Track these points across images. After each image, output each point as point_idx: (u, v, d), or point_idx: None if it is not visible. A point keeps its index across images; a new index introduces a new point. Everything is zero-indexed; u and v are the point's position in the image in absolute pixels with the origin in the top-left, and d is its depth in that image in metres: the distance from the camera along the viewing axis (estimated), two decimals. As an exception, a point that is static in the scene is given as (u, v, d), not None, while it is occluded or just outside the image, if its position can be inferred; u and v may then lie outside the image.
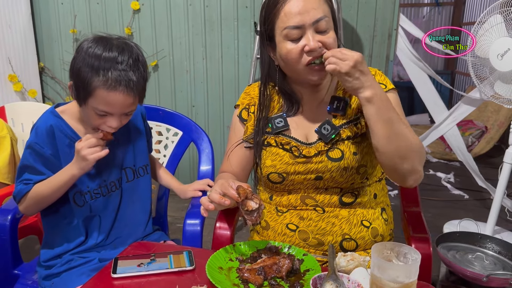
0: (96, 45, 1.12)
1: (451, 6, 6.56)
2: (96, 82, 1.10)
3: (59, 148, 1.22)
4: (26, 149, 1.21)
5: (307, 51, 1.07)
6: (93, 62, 1.10)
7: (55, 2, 3.16)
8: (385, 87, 1.17)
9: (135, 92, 1.14)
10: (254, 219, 1.01)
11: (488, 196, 3.10)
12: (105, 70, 1.09)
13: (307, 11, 1.06)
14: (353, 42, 2.88)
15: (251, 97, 1.29)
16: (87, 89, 1.11)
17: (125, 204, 1.32)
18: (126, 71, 1.11)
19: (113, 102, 1.12)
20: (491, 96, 2.35)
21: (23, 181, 1.21)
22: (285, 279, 0.95)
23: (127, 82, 1.11)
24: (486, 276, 1.39)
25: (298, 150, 1.16)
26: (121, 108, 1.15)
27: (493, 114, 4.54)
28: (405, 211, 1.35)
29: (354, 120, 1.16)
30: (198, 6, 2.99)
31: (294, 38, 1.08)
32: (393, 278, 0.79)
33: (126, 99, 1.13)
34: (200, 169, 1.57)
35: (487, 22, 2.22)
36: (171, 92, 3.20)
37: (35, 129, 1.22)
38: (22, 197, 1.22)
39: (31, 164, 1.20)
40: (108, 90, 1.10)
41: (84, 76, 1.10)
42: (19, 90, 3.01)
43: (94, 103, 1.13)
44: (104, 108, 1.13)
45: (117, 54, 1.11)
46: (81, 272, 1.20)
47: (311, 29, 1.07)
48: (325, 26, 1.07)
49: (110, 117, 1.16)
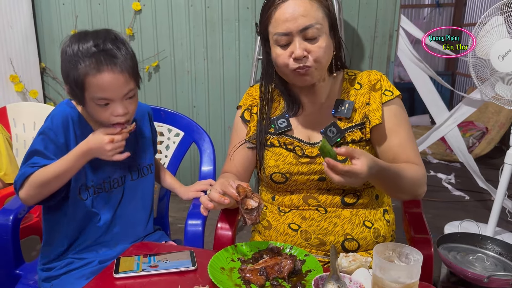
0: (72, 43, 1.13)
1: (452, 7, 6.56)
2: (82, 73, 1.10)
3: (71, 137, 1.21)
4: (38, 135, 1.19)
5: (294, 58, 1.09)
6: (74, 57, 1.11)
7: (56, 2, 3.17)
8: (391, 94, 1.18)
9: (123, 69, 1.12)
10: (254, 218, 1.01)
11: (489, 197, 3.10)
12: (85, 58, 1.10)
13: (295, 19, 1.06)
14: (354, 43, 2.88)
15: (254, 98, 1.29)
16: (78, 84, 1.11)
17: (126, 201, 1.32)
18: (106, 50, 1.11)
19: (105, 84, 1.11)
20: (492, 97, 2.35)
21: (29, 164, 1.18)
22: (287, 279, 0.95)
23: (110, 60, 1.10)
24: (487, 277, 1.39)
25: (301, 149, 1.17)
26: (117, 89, 1.13)
27: (494, 115, 4.54)
28: (406, 212, 1.35)
29: (360, 124, 1.17)
30: (199, 7, 3.00)
31: (283, 44, 1.10)
32: (395, 279, 0.79)
33: (115, 77, 1.11)
34: (202, 169, 1.57)
35: (488, 23, 2.22)
36: (172, 93, 3.20)
37: (51, 116, 1.21)
38: (24, 180, 1.17)
39: (41, 150, 1.18)
40: (95, 74, 1.09)
41: (72, 73, 1.11)
42: (20, 91, 3.01)
43: (90, 94, 1.12)
44: (101, 94, 1.12)
45: (92, 40, 1.11)
46: (81, 274, 1.20)
47: (299, 36, 1.08)
48: (314, 33, 1.08)
49: (113, 104, 1.14)
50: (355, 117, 1.18)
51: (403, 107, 1.20)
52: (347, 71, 1.26)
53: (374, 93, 1.18)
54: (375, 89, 1.18)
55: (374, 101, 1.17)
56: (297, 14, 1.06)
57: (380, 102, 1.17)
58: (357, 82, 1.21)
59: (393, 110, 1.17)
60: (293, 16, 1.06)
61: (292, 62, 1.09)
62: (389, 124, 1.17)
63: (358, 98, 1.19)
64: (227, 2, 2.95)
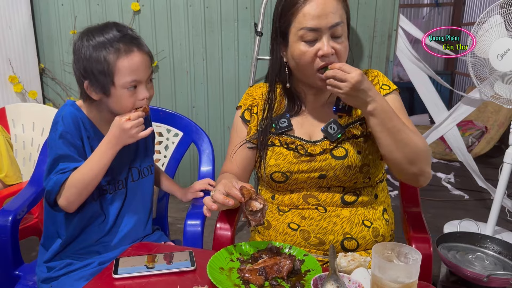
0: (90, 37, 1.16)
1: (451, 6, 6.56)
2: (113, 58, 1.14)
3: (85, 140, 1.22)
4: (57, 139, 1.18)
5: (321, 55, 1.07)
6: (101, 47, 1.14)
7: (55, 3, 3.17)
8: (388, 88, 1.18)
9: (147, 50, 1.21)
10: (258, 220, 1.01)
11: (488, 197, 3.10)
12: (113, 44, 1.14)
13: (326, 15, 1.05)
14: (353, 43, 2.88)
15: (254, 98, 1.29)
16: (108, 70, 1.14)
17: (128, 202, 1.32)
18: (128, 34, 1.18)
19: (136, 65, 1.16)
20: (491, 96, 2.35)
21: (59, 171, 1.17)
22: (286, 279, 0.95)
23: (137, 42, 1.18)
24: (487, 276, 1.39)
25: (303, 148, 1.17)
26: (144, 69, 1.19)
27: (493, 114, 4.54)
28: (405, 211, 1.36)
29: (360, 120, 1.17)
30: (198, 7, 2.99)
31: (309, 40, 1.08)
32: (394, 278, 0.79)
33: (144, 58, 1.18)
34: (201, 169, 1.57)
35: (487, 22, 2.23)
36: (171, 93, 3.20)
37: (62, 119, 1.20)
38: (60, 187, 1.16)
39: (66, 153, 1.18)
40: (126, 56, 1.15)
41: (97, 65, 1.14)
42: (19, 91, 3.01)
43: (121, 79, 1.16)
44: (132, 76, 1.16)
45: (112, 29, 1.17)
46: (80, 276, 1.20)
47: (327, 33, 1.07)
48: (340, 31, 1.08)
49: (140, 88, 1.19)
50: (355, 112, 1.18)
51: (400, 101, 1.20)
52: None
53: None
54: (373, 84, 1.18)
55: None
56: (328, 10, 1.06)
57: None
58: None
59: (391, 101, 1.15)
60: (325, 12, 1.05)
61: (318, 60, 1.08)
62: None
63: None
64: (226, 2, 2.95)
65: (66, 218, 1.25)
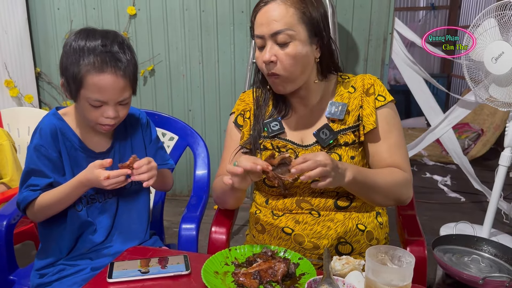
0: (79, 37, 1.13)
1: (447, 10, 6.60)
2: (84, 69, 1.09)
3: (62, 151, 1.21)
4: (32, 151, 1.18)
5: (262, 61, 1.12)
6: (78, 52, 1.10)
7: (51, 7, 3.17)
8: (383, 99, 1.18)
9: (125, 74, 1.12)
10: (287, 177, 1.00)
11: (484, 199, 3.11)
12: (90, 55, 1.09)
13: (268, 23, 1.09)
14: (348, 46, 2.89)
15: (246, 103, 1.30)
16: (77, 79, 1.10)
17: (121, 212, 1.30)
18: (112, 52, 1.11)
19: (104, 85, 1.10)
20: (486, 99, 2.36)
21: (30, 186, 1.18)
22: (281, 283, 0.95)
23: (115, 63, 1.10)
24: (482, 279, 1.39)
25: (294, 152, 1.17)
26: (113, 93, 1.12)
27: (489, 117, 4.56)
28: (400, 214, 1.36)
29: (353, 127, 1.17)
30: (194, 10, 3.00)
31: (260, 46, 1.14)
32: (388, 282, 0.79)
33: (116, 81, 1.11)
34: (196, 173, 1.57)
35: (481, 25, 2.24)
36: (168, 97, 3.20)
37: (39, 131, 1.20)
38: (27, 204, 1.18)
39: (38, 168, 1.18)
40: (97, 73, 1.09)
41: (72, 68, 1.10)
42: (15, 96, 3.01)
43: (87, 93, 1.11)
44: (97, 95, 1.11)
45: (101, 39, 1.11)
46: (73, 281, 1.19)
47: (271, 40, 1.11)
48: (285, 39, 1.09)
49: (106, 107, 1.14)
50: (348, 120, 1.18)
51: (396, 112, 1.21)
52: (341, 74, 1.26)
53: (367, 97, 1.18)
54: (368, 94, 1.19)
55: (368, 105, 1.17)
56: (271, 18, 1.09)
57: (374, 107, 1.17)
58: (351, 86, 1.22)
59: (384, 115, 1.18)
60: (267, 21, 1.09)
61: (264, 66, 1.13)
62: (380, 129, 1.17)
63: (352, 101, 1.19)
64: (222, 6, 2.96)
65: (59, 234, 1.25)
